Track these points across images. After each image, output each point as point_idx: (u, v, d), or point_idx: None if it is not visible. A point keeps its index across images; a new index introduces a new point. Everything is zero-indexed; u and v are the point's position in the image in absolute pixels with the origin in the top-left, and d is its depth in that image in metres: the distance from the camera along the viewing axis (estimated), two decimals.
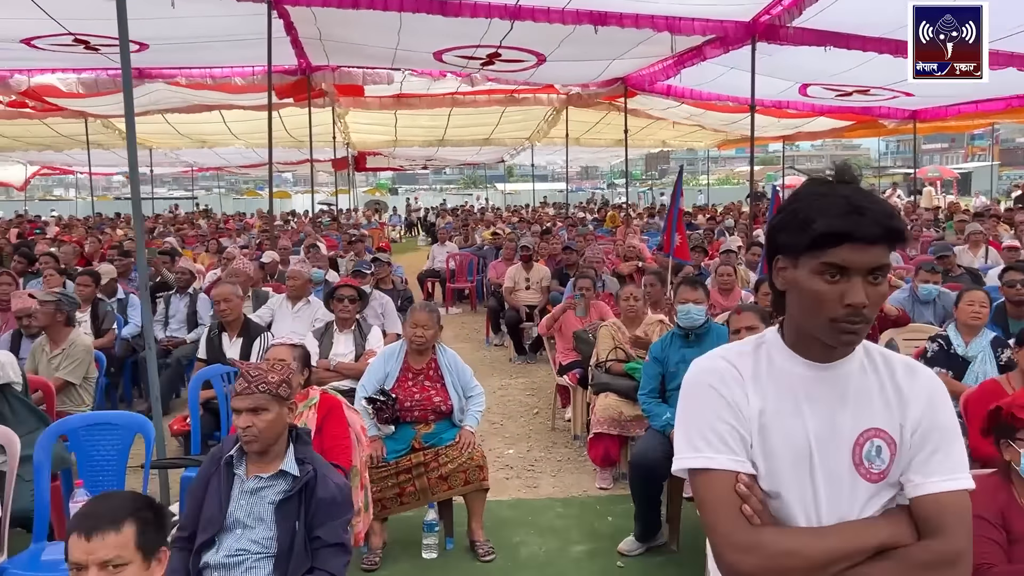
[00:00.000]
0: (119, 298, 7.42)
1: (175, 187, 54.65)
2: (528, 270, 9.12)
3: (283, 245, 10.22)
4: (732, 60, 11.38)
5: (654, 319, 5.50)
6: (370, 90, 15.68)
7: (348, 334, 5.40)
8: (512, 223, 18.00)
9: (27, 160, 22.91)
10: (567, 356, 6.38)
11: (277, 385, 2.74)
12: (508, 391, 7.67)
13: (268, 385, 2.72)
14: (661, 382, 4.53)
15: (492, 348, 9.64)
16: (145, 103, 15.22)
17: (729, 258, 8.00)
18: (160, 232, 17.48)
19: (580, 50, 11.49)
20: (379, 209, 30.43)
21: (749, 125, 16.84)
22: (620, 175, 58.82)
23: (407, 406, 4.35)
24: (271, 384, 2.73)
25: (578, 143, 20.92)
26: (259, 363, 2.83)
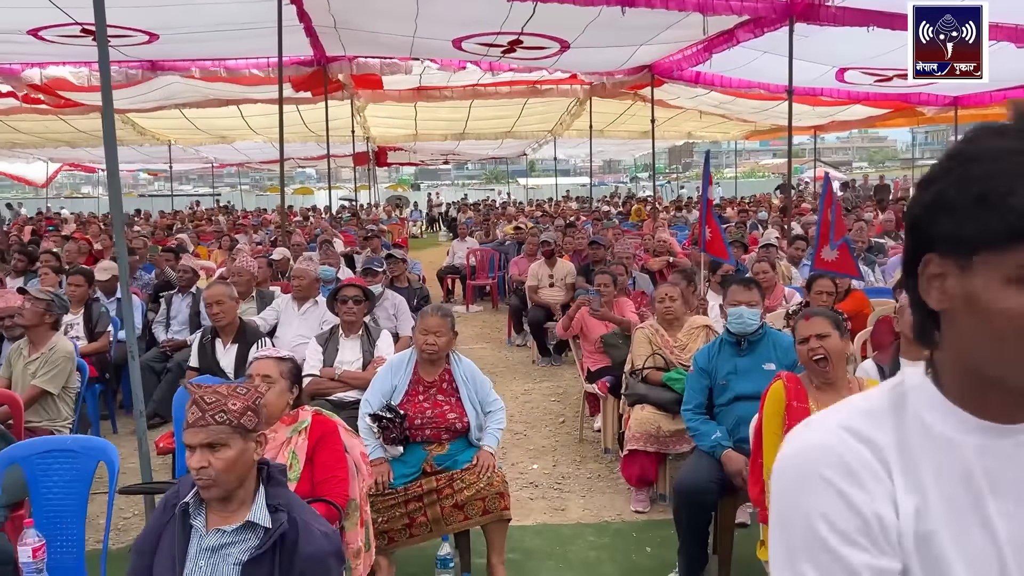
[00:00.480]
0: (119, 298, 6.90)
1: (200, 184, 54.67)
2: (551, 266, 8.52)
3: (296, 242, 9.69)
4: (765, 44, 10.72)
5: (698, 323, 4.89)
6: (389, 82, 15.19)
7: (355, 339, 4.83)
8: (535, 217, 17.37)
9: (48, 157, 22.61)
10: (595, 361, 5.78)
11: (240, 414, 2.17)
12: (531, 396, 7.08)
13: (228, 414, 2.15)
14: (708, 396, 3.92)
15: (514, 348, 9.05)
16: (159, 97, 14.83)
17: (769, 253, 7.36)
18: (178, 229, 17.05)
19: (605, 36, 10.88)
20: (400, 205, 29.91)
21: (780, 114, 16.19)
22: (643, 168, 58.00)
23: (417, 424, 3.77)
24: (232, 413, 2.16)
25: (602, 135, 20.23)
26: (219, 386, 2.23)
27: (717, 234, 5.98)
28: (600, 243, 8.35)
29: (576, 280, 8.37)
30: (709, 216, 6.03)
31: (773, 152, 55.81)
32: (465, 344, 9.31)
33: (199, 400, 2.16)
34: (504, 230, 14.73)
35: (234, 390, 2.21)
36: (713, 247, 6.01)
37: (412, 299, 7.17)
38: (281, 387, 3.09)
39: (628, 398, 4.75)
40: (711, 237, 5.98)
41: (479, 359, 8.58)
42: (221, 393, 2.19)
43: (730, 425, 3.79)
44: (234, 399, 2.18)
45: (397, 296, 6.11)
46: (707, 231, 6.01)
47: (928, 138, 53.47)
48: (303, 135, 19.55)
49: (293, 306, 5.94)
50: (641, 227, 14.60)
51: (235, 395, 2.20)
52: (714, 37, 10.83)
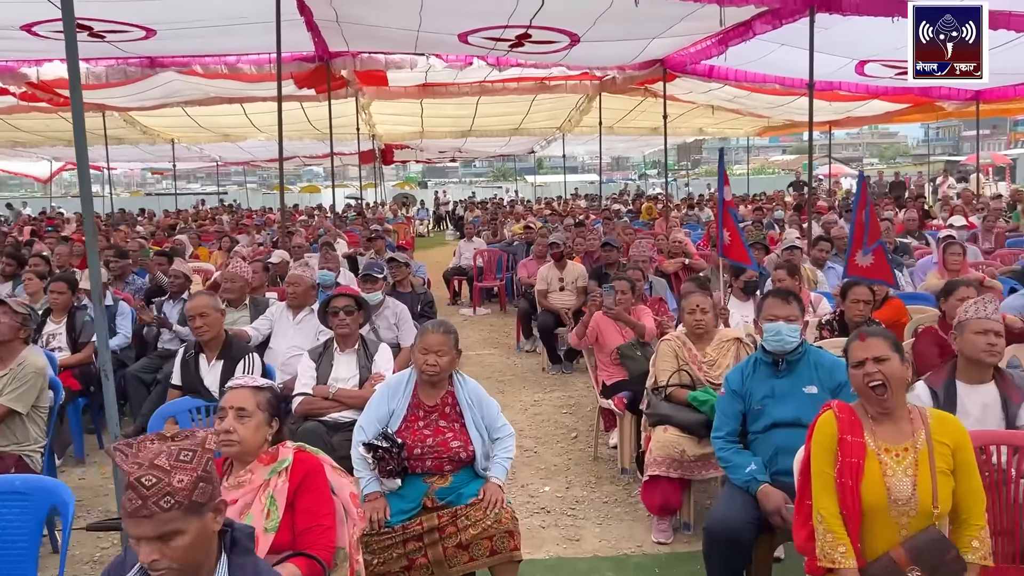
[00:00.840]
0: (107, 304, 6.50)
1: (208, 182, 54.37)
2: (561, 269, 8.09)
3: (297, 243, 9.29)
4: (783, 36, 10.28)
5: (728, 336, 4.45)
6: (394, 79, 14.82)
7: (351, 354, 4.42)
8: (543, 216, 16.93)
9: (51, 156, 22.27)
10: (610, 374, 5.35)
11: (189, 491, 1.74)
12: (541, 408, 6.66)
13: (175, 496, 1.72)
14: (742, 422, 3.49)
15: (523, 355, 8.63)
16: (160, 95, 14.47)
17: (793, 256, 6.92)
18: (181, 228, 16.68)
19: (616, 29, 10.45)
20: (406, 203, 29.49)
21: (795, 109, 15.73)
22: (652, 165, 57.41)
23: (417, 453, 3.37)
24: (179, 493, 1.73)
25: (611, 132, 19.81)
26: (156, 449, 1.79)
27: (736, 237, 5.53)
28: (613, 245, 7.91)
29: (588, 284, 7.93)
30: (727, 217, 5.58)
31: (783, 148, 55.22)
32: (472, 350, 8.91)
33: (136, 485, 1.72)
34: (512, 229, 14.31)
35: (177, 457, 1.76)
36: (733, 251, 5.56)
37: (415, 304, 6.77)
38: (258, 421, 2.68)
39: (650, 418, 4.32)
40: (730, 240, 5.53)
41: (487, 366, 8.20)
42: (162, 468, 1.73)
43: (767, 455, 3.37)
44: (180, 472, 1.74)
45: (399, 304, 5.69)
46: (725, 234, 5.56)
47: (939, 134, 52.76)
48: (308, 133, 19.17)
49: (288, 315, 5.54)
50: (652, 226, 14.14)
51: (180, 466, 1.75)
52: (730, 29, 10.39)
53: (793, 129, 21.93)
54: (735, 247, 5.51)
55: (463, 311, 11.26)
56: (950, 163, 37.00)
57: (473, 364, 8.23)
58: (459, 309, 11.43)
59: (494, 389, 7.23)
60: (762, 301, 3.60)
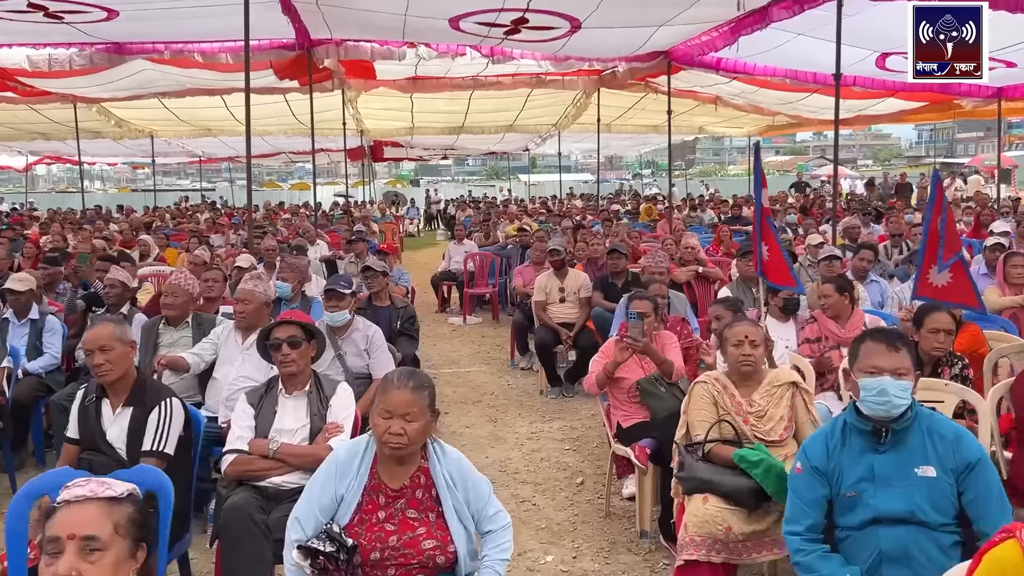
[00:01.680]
0: (32, 318, 5.48)
1: (197, 178, 53.07)
2: (562, 278, 7.09)
3: (268, 246, 8.23)
4: (800, 24, 9.32)
5: (782, 379, 3.44)
6: (382, 71, 13.79)
7: (300, 397, 3.40)
8: (539, 217, 15.90)
9: (28, 151, 21.12)
10: (627, 414, 4.35)
11: None
12: (540, 442, 5.65)
13: None
14: (827, 512, 2.50)
15: (518, 373, 7.62)
16: (131, 85, 13.38)
17: (832, 267, 5.93)
18: (157, 226, 15.60)
19: (621, 14, 9.46)
20: (396, 202, 28.38)
21: (806, 106, 14.76)
22: (646, 165, 56.44)
23: (375, 558, 2.37)
24: None
25: (609, 130, 18.82)
26: None
27: (777, 253, 4.47)
28: (621, 252, 6.90)
29: (593, 295, 6.93)
30: (765, 228, 4.55)
31: (776, 149, 54.38)
32: (461, 366, 7.91)
33: None
34: (506, 231, 13.28)
35: None
36: (773, 270, 4.50)
37: (394, 321, 5.75)
38: (115, 555, 1.67)
39: (684, 483, 3.32)
40: (769, 256, 4.49)
41: (477, 387, 7.19)
42: None
43: (866, 562, 2.38)
44: None
45: (370, 325, 4.65)
46: (763, 248, 4.53)
47: (932, 136, 51.95)
48: (292, 127, 18.11)
49: (236, 338, 4.52)
50: (655, 228, 13.14)
51: None
52: (744, 16, 9.41)
53: (797, 128, 21.01)
54: (776, 265, 4.47)
55: (452, 320, 10.25)
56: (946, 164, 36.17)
57: (461, 384, 7.22)
58: (448, 318, 10.41)
59: (485, 417, 6.23)
60: (856, 345, 2.59)
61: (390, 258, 7.59)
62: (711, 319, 4.48)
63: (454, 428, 5.98)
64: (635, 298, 4.46)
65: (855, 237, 9.05)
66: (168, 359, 4.34)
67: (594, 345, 6.65)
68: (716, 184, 35.94)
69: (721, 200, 20.39)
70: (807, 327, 4.77)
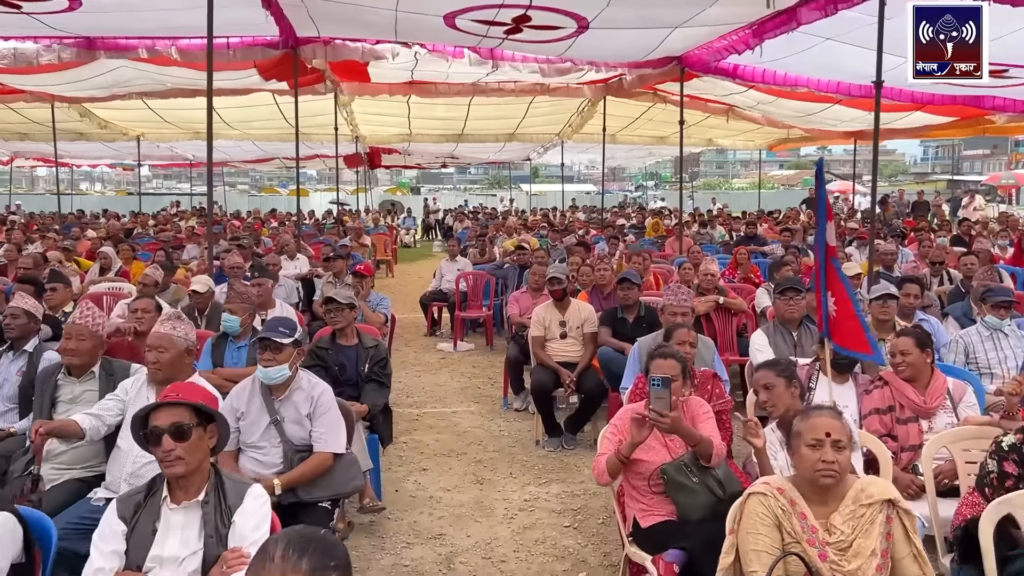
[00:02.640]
0: None
1: (199, 182, 52.10)
2: (563, 310, 6.06)
3: (233, 263, 7.21)
4: (830, 28, 8.33)
5: (874, 495, 2.39)
6: (376, 74, 12.84)
7: (191, 510, 2.38)
8: (540, 231, 14.84)
9: (11, 151, 20.09)
10: (647, 507, 3.30)
11: None
12: (534, 515, 4.62)
13: None
14: None
15: (511, 416, 6.57)
16: (107, 83, 12.41)
17: (888, 311, 4.90)
18: (138, 233, 14.58)
19: (635, 13, 8.47)
20: (392, 210, 27.31)
21: (827, 119, 13.73)
22: (649, 176, 55.39)
23: None
24: None
25: (614, 141, 17.81)
26: None
27: (847, 308, 3.33)
28: (632, 281, 5.86)
29: (599, 331, 5.90)
30: (832, 275, 3.45)
31: (780, 163, 53.32)
32: (447, 405, 6.89)
33: None
34: (503, 246, 12.25)
35: None
36: (842, 331, 3.36)
37: (361, 364, 4.72)
38: None
39: None
40: (837, 312, 3.36)
41: (462, 433, 6.14)
42: None
43: None
44: None
45: (317, 384, 3.58)
46: (830, 301, 3.43)
47: (938, 153, 50.94)
48: (283, 132, 17.12)
49: (149, 394, 3.50)
50: (663, 246, 12.11)
51: None
52: (769, 18, 8.43)
53: (811, 142, 20.00)
54: (846, 325, 3.34)
55: (442, 345, 9.22)
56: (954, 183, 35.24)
57: (445, 429, 6.19)
58: (437, 343, 9.37)
59: (470, 476, 5.20)
60: None
61: (366, 281, 6.54)
62: (756, 388, 3.43)
63: (432, 491, 4.95)
64: (657, 356, 3.42)
65: (890, 264, 8.03)
66: (49, 427, 3.31)
67: (600, 389, 5.66)
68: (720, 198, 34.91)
69: (728, 215, 19.36)
70: (874, 392, 3.74)
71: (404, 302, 11.95)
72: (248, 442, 3.46)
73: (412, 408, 6.76)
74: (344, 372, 4.73)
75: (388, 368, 4.78)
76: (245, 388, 3.54)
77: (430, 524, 4.48)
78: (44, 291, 5.59)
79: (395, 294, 13.21)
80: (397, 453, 5.60)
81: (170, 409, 2.40)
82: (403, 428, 6.17)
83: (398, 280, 15.74)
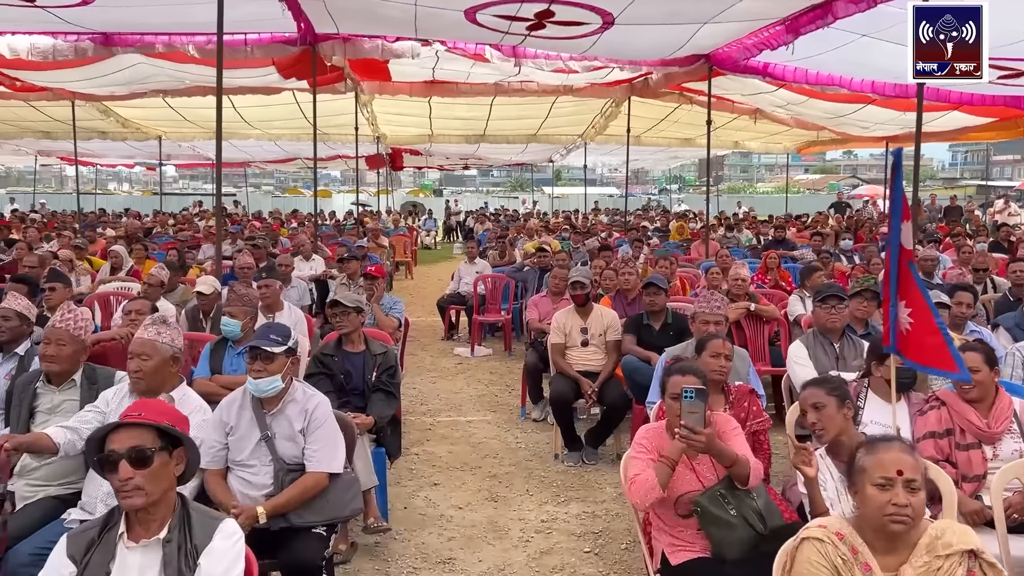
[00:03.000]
0: None
1: (226, 183, 52.38)
2: (585, 316, 5.69)
3: (243, 263, 6.92)
4: (867, 23, 7.92)
5: (952, 544, 2.00)
6: (397, 73, 12.58)
7: (151, 549, 2.05)
8: (561, 233, 14.45)
9: (35, 150, 20.03)
10: (675, 541, 2.93)
11: None
12: (552, 537, 4.25)
13: None
14: None
15: (529, 426, 6.22)
16: (126, 80, 12.21)
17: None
18: (157, 233, 14.38)
19: (662, 8, 8.09)
20: (413, 212, 26.99)
21: (859, 120, 13.23)
22: (672, 180, 54.73)
23: None
24: None
25: (638, 142, 17.40)
26: None
27: (928, 321, 2.90)
28: (659, 286, 5.49)
29: (623, 339, 5.52)
30: (908, 281, 2.99)
31: (805, 167, 52.43)
32: (462, 413, 6.55)
33: None
34: (524, 248, 11.89)
35: None
36: (920, 345, 2.96)
37: (368, 372, 4.38)
38: None
39: None
40: (913, 324, 2.94)
41: (477, 444, 5.78)
42: None
43: None
44: None
45: (313, 396, 3.21)
46: (903, 313, 2.99)
47: (967, 157, 49.85)
48: (304, 132, 16.89)
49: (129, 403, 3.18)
50: (688, 250, 11.69)
51: None
52: (803, 12, 8.03)
53: (841, 145, 19.45)
54: (925, 338, 2.90)
55: (459, 350, 8.87)
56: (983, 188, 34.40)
57: (459, 439, 5.84)
58: (454, 347, 9.03)
59: (484, 493, 4.84)
60: None
61: (379, 283, 6.20)
62: (804, 407, 3.03)
63: (442, 509, 4.60)
64: (675, 372, 3.02)
65: (930, 271, 7.58)
66: (17, 442, 2.99)
67: (624, 401, 5.28)
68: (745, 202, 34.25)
69: (755, 218, 18.85)
70: (930, 414, 3.34)
71: (422, 305, 11.63)
72: (237, 459, 3.13)
73: (426, 416, 6.43)
74: (350, 380, 4.40)
75: (397, 377, 4.44)
76: (236, 400, 3.21)
77: (439, 546, 4.13)
78: (41, 291, 5.32)
79: (413, 296, 12.91)
80: (408, 466, 5.26)
81: (130, 431, 2.07)
82: (415, 438, 5.84)
83: (417, 282, 15.44)
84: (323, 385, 4.32)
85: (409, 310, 7.59)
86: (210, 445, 3.11)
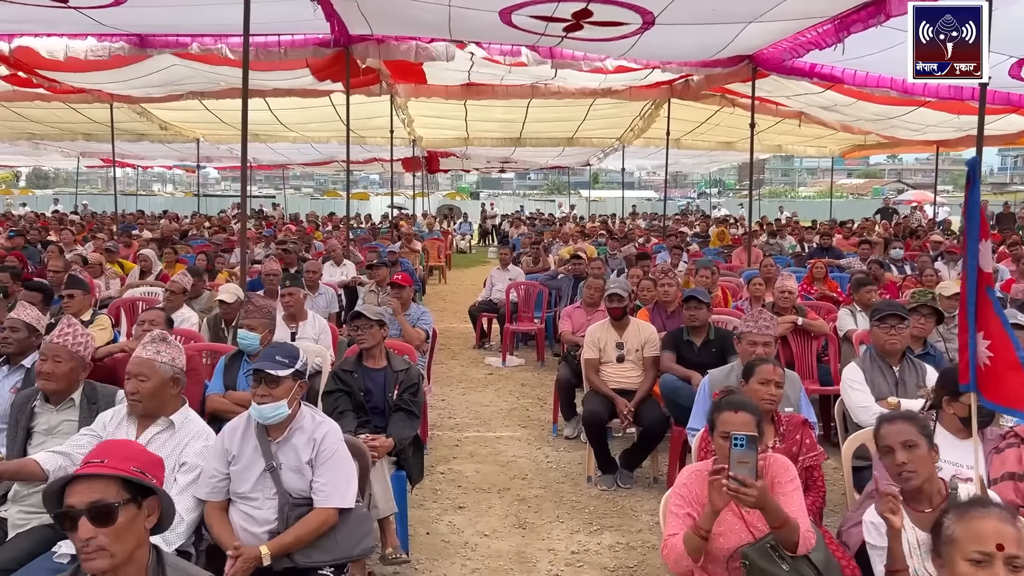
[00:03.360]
0: None
1: (265, 184, 52.75)
2: (621, 330, 5.35)
3: (270, 269, 6.71)
4: None
5: None
6: (432, 75, 12.37)
7: None
8: (598, 238, 14.09)
9: (78, 152, 20.21)
10: None
11: None
12: (584, 571, 3.93)
13: None
14: None
15: (561, 444, 5.90)
16: (161, 81, 12.14)
17: None
18: (192, 235, 14.33)
19: (705, 6, 7.72)
20: (449, 215, 26.78)
21: (909, 123, 12.67)
22: (712, 184, 53.91)
23: None
24: None
25: (678, 146, 16.96)
26: None
27: (1009, 353, 2.51)
28: (700, 300, 5.13)
29: (662, 355, 5.18)
30: (987, 310, 2.58)
31: (848, 172, 51.22)
32: (491, 429, 6.25)
33: None
34: (559, 254, 11.56)
35: None
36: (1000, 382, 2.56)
37: (390, 389, 4.11)
38: None
39: None
40: (993, 359, 2.56)
41: (506, 463, 5.48)
42: None
43: None
44: None
45: (322, 423, 2.91)
46: (982, 345, 2.61)
47: (1017, 162, 48.29)
48: (340, 134, 16.78)
49: (129, 429, 2.95)
50: (729, 256, 11.26)
51: None
52: (854, 10, 7.61)
53: (889, 149, 18.78)
54: (1004, 375, 2.53)
55: (490, 359, 8.59)
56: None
57: (487, 458, 5.54)
58: (485, 357, 8.75)
59: (511, 518, 4.54)
60: None
61: (406, 292, 5.94)
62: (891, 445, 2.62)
63: (467, 536, 4.30)
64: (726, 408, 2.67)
65: None
66: (2, 469, 2.77)
67: (662, 422, 4.94)
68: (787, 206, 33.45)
69: (799, 224, 18.27)
70: (1007, 453, 2.96)
71: (455, 311, 11.37)
72: (239, 491, 2.86)
73: (453, 431, 6.14)
74: (370, 398, 4.13)
75: (420, 395, 4.15)
76: (239, 426, 2.94)
77: None
78: (60, 298, 5.14)
79: (446, 301, 12.66)
80: (432, 486, 4.98)
81: (91, 482, 1.80)
82: (442, 455, 5.56)
83: (451, 287, 15.19)
84: (342, 403, 4.07)
85: (441, 316, 7.33)
86: (211, 475, 2.86)
